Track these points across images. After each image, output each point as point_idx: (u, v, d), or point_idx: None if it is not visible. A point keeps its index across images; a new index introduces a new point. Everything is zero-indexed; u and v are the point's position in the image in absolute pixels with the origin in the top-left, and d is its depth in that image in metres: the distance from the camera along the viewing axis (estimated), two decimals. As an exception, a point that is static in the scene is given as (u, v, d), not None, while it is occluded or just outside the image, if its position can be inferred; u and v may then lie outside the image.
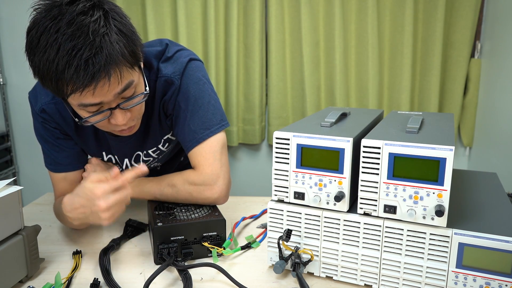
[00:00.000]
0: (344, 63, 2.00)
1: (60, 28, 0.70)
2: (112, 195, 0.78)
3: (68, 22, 0.70)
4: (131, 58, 0.77)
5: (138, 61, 0.81)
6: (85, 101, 0.76)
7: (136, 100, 0.83)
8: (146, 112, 0.96)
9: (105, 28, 0.72)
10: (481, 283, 0.66)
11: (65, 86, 0.73)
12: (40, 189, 1.94)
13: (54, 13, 0.71)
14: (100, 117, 0.81)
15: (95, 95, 0.75)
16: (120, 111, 0.81)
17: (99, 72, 0.71)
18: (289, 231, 0.76)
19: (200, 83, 0.95)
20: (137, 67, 0.81)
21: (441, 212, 0.65)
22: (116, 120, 0.82)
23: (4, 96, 2.19)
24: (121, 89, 0.78)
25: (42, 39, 0.71)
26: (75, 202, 0.80)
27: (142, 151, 1.04)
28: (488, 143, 1.93)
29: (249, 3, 1.98)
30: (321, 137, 0.73)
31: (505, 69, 1.78)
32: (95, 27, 0.71)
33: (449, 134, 0.74)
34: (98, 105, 0.78)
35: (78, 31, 0.70)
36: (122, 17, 0.77)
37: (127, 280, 0.80)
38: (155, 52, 0.95)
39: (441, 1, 1.90)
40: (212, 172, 0.94)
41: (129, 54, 0.76)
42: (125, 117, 0.83)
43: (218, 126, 0.96)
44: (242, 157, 2.26)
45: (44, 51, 0.71)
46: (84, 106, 0.77)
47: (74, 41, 0.69)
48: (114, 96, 0.78)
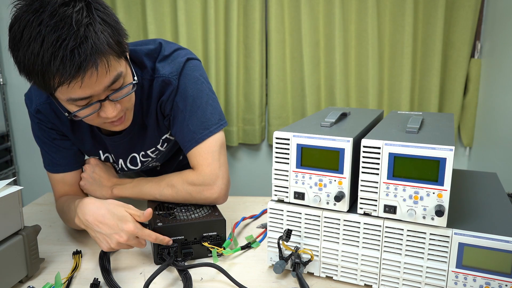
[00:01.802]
0: (344, 63, 2.00)
1: (42, 21, 0.69)
2: (135, 239, 0.81)
3: (50, 14, 0.69)
4: (118, 48, 0.76)
5: (124, 51, 0.80)
6: (73, 95, 0.74)
7: (125, 91, 0.82)
8: (142, 112, 0.96)
9: (89, 18, 0.71)
10: (481, 283, 0.66)
11: (52, 79, 0.71)
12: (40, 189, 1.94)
13: (35, 6, 0.70)
14: (90, 111, 0.80)
15: (83, 87, 0.73)
16: (110, 103, 0.80)
17: (86, 61, 0.70)
18: (289, 231, 0.76)
19: (198, 82, 0.95)
20: (123, 58, 0.81)
21: (441, 212, 0.65)
22: (106, 113, 0.81)
23: (4, 96, 2.19)
24: (109, 80, 0.77)
25: (25, 33, 0.70)
26: (101, 214, 0.80)
27: (138, 152, 1.04)
28: (488, 143, 1.93)
29: (249, 3, 1.97)
30: (321, 137, 0.73)
31: (505, 69, 1.78)
32: (78, 17, 0.70)
33: (449, 134, 0.74)
34: (87, 98, 0.76)
35: (61, 22, 0.69)
36: (105, 7, 0.76)
37: (127, 280, 0.80)
38: (146, 50, 0.94)
39: (441, 1, 1.90)
40: (211, 172, 0.94)
41: (115, 44, 0.75)
42: (115, 109, 0.81)
43: (216, 126, 0.96)
44: (242, 157, 2.26)
45: (28, 45, 0.70)
46: (73, 100, 0.76)
47: (57, 32, 0.68)
48: (103, 88, 0.76)
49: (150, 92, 0.94)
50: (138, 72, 0.93)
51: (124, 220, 0.79)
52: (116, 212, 0.80)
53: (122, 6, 1.96)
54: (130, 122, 0.91)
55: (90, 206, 0.82)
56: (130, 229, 0.79)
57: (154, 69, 0.93)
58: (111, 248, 0.81)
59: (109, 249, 0.81)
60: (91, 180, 1.01)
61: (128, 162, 1.06)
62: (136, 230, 0.79)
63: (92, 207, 0.82)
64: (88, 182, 1.01)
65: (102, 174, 1.01)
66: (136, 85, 0.90)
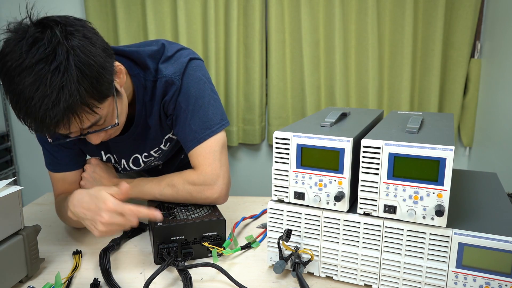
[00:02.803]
0: (344, 63, 2.00)
1: (22, 72, 0.70)
2: (119, 216, 0.78)
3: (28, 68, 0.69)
4: (95, 99, 0.77)
5: (107, 94, 0.79)
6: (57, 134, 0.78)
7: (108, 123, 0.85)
8: (145, 113, 0.96)
9: (65, 77, 0.70)
10: (481, 283, 0.66)
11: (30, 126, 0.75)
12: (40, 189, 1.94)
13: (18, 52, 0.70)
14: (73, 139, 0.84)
15: (65, 131, 0.77)
16: (93, 134, 0.84)
17: (57, 122, 0.73)
18: (289, 231, 0.76)
19: (200, 82, 0.95)
20: (107, 100, 0.80)
21: (441, 212, 0.65)
22: (90, 140, 0.85)
23: (4, 96, 2.19)
24: (88, 125, 0.80)
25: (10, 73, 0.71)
26: (84, 201, 0.81)
27: (141, 153, 1.04)
28: (488, 143, 1.93)
29: (249, 3, 1.97)
30: (321, 137, 0.73)
31: (505, 69, 1.78)
32: (54, 77, 0.70)
33: (449, 134, 0.74)
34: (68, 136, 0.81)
35: (37, 82, 0.70)
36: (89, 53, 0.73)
37: (127, 280, 0.80)
38: (149, 52, 0.94)
39: (441, 1, 1.90)
40: (212, 172, 0.94)
41: (92, 97, 0.75)
42: (98, 138, 0.85)
43: (218, 126, 0.96)
44: (242, 157, 2.26)
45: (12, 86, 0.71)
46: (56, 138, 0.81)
47: (32, 93, 0.70)
48: (81, 130, 0.80)
49: (154, 93, 0.94)
50: (141, 74, 0.93)
51: (102, 200, 0.78)
52: (95, 195, 0.80)
53: (122, 6, 1.96)
54: (120, 131, 0.93)
55: (76, 196, 0.83)
56: (108, 206, 0.77)
57: (157, 70, 0.94)
58: (102, 232, 0.79)
59: (100, 233, 0.79)
60: (92, 180, 1.01)
61: (130, 163, 1.06)
62: (115, 207, 0.77)
63: (78, 196, 0.83)
64: (88, 181, 1.01)
65: (102, 174, 1.01)
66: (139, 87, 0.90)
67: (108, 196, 0.79)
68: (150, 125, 0.98)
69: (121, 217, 0.78)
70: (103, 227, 0.78)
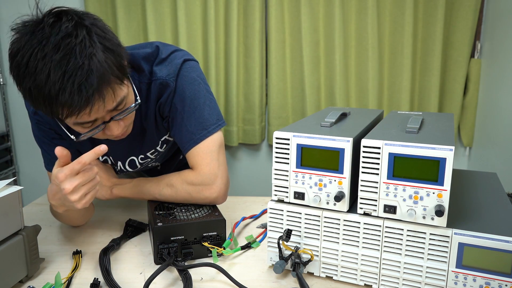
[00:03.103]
0: (344, 63, 2.00)
1: (47, 54, 0.69)
2: (76, 177, 0.76)
3: (54, 46, 0.69)
4: (120, 73, 0.78)
5: (126, 72, 0.81)
6: (81, 120, 0.77)
7: (128, 109, 0.84)
8: (140, 115, 0.96)
9: (92, 48, 0.71)
10: (481, 283, 0.66)
11: (60, 110, 0.73)
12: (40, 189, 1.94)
13: (38, 38, 0.70)
14: (95, 131, 0.82)
15: (91, 115, 0.76)
16: (114, 122, 0.83)
17: (93, 95, 0.72)
18: (289, 231, 0.76)
19: (195, 83, 0.95)
20: (126, 79, 0.82)
21: (441, 212, 0.65)
22: (111, 131, 0.84)
23: (4, 96, 2.19)
24: (114, 106, 0.79)
25: (30, 65, 0.70)
26: (52, 190, 0.81)
27: (137, 155, 1.04)
28: (488, 143, 1.93)
29: (249, 3, 1.97)
30: (321, 137, 0.73)
31: (505, 69, 1.78)
32: (82, 49, 0.70)
33: (449, 134, 0.74)
34: (93, 121, 0.79)
35: (67, 56, 0.69)
36: (105, 31, 0.76)
37: (127, 280, 0.80)
38: (143, 54, 0.94)
39: (441, 1, 1.90)
40: (210, 172, 0.94)
41: (117, 70, 0.76)
42: (119, 127, 0.84)
43: (214, 126, 0.96)
44: (242, 157, 2.26)
45: (34, 77, 0.70)
46: (80, 124, 0.79)
47: (63, 67, 0.69)
48: (108, 111, 0.79)
49: (148, 95, 0.94)
50: (136, 76, 0.93)
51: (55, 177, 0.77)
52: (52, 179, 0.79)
53: (122, 6, 1.96)
54: (130, 131, 0.93)
55: (48, 192, 0.84)
56: (60, 178, 0.75)
57: (151, 72, 0.94)
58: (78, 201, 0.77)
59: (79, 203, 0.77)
60: None
61: (127, 165, 1.06)
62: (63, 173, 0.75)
63: (48, 191, 0.83)
64: None
65: (101, 174, 1.01)
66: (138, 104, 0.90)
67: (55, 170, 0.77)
68: (146, 127, 0.98)
69: (79, 176, 0.76)
70: (74, 196, 0.76)
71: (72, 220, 0.99)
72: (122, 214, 1.11)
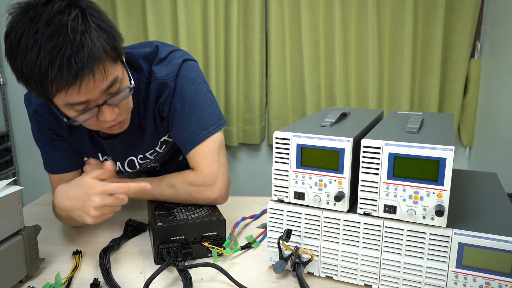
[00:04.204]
0: (344, 63, 2.00)
1: (38, 30, 0.69)
2: (109, 197, 0.78)
3: (46, 22, 0.69)
4: (114, 53, 0.77)
5: (120, 55, 0.81)
6: (71, 100, 0.75)
7: (123, 95, 0.83)
8: (139, 115, 0.96)
9: (84, 25, 0.71)
10: (481, 283, 0.66)
11: (50, 87, 0.72)
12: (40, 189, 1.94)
13: (30, 15, 0.70)
14: (88, 115, 0.80)
15: (81, 93, 0.74)
16: (108, 107, 0.81)
17: (83, 69, 0.71)
18: (289, 231, 0.76)
19: (195, 83, 0.95)
20: (120, 62, 0.81)
21: (441, 212, 0.65)
22: (104, 117, 0.81)
23: (4, 96, 2.19)
24: (106, 85, 0.77)
25: (22, 42, 0.70)
26: (70, 192, 0.80)
27: (136, 155, 1.04)
28: (488, 143, 1.93)
29: (249, 3, 1.97)
30: (321, 137, 0.73)
31: (505, 69, 1.78)
32: (74, 25, 0.70)
33: (449, 134, 0.74)
34: (85, 103, 0.77)
35: (57, 31, 0.69)
36: (100, 12, 0.76)
37: (127, 280, 0.80)
38: (143, 54, 0.94)
39: (441, 1, 1.90)
40: (210, 172, 0.94)
41: (111, 49, 0.76)
42: (113, 113, 0.82)
43: (215, 126, 0.96)
44: (242, 157, 2.26)
45: (25, 54, 0.70)
46: (71, 105, 0.77)
47: (54, 40, 0.69)
48: (100, 93, 0.77)
49: (147, 94, 0.94)
50: (135, 75, 0.93)
51: (89, 185, 0.78)
52: (80, 183, 0.80)
53: (122, 6, 1.96)
54: (128, 124, 0.91)
55: (60, 191, 0.83)
56: (97, 190, 0.77)
57: (150, 72, 0.93)
58: (95, 217, 0.78)
59: (93, 219, 0.79)
60: None
61: (125, 165, 1.06)
62: (103, 188, 0.77)
63: (61, 190, 0.83)
64: None
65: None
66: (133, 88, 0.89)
67: (93, 180, 0.78)
68: (144, 127, 0.98)
69: (112, 197, 0.78)
70: (95, 212, 0.77)
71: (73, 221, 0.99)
72: (122, 214, 1.11)
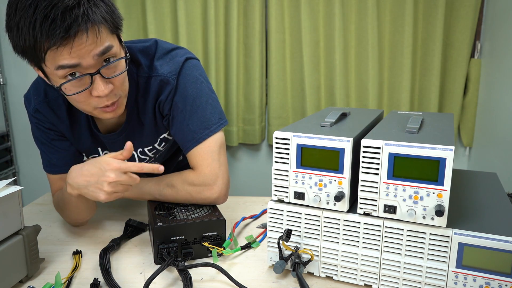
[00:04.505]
0: (344, 63, 2.00)
1: None
2: (124, 174, 0.79)
3: None
4: (111, 23, 0.78)
5: (117, 29, 0.81)
6: (62, 61, 0.74)
7: (118, 69, 0.82)
8: (138, 109, 0.96)
9: None
10: (481, 283, 0.66)
11: (43, 44, 0.72)
12: (40, 189, 1.94)
13: None
14: (80, 85, 0.79)
15: (73, 54, 0.74)
16: (101, 80, 0.80)
17: (77, 24, 0.71)
18: (289, 231, 0.76)
19: (197, 82, 0.95)
20: (116, 37, 0.82)
21: (441, 212, 0.65)
22: (97, 90, 0.80)
23: (4, 96, 2.19)
24: (100, 50, 0.77)
25: (19, 5, 0.72)
26: (85, 169, 0.81)
27: (136, 149, 1.03)
28: (488, 143, 1.93)
29: (249, 3, 1.98)
30: (321, 137, 0.73)
31: (505, 69, 1.78)
32: None
33: (449, 134, 0.74)
34: (77, 66, 0.76)
35: None
36: None
37: (127, 280, 0.80)
38: (140, 47, 0.94)
39: (441, 1, 1.90)
40: (211, 172, 0.94)
41: (108, 18, 0.77)
42: (106, 87, 0.80)
43: (217, 125, 0.96)
44: (242, 157, 2.26)
45: (21, 15, 0.71)
46: (62, 68, 0.76)
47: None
48: (93, 58, 0.76)
49: (147, 89, 0.94)
50: (134, 70, 0.93)
51: (105, 162, 0.79)
52: (96, 160, 0.81)
53: (122, 6, 1.96)
54: (122, 110, 0.89)
55: (74, 169, 0.84)
56: (113, 166, 0.78)
57: (150, 66, 0.93)
58: (108, 193, 0.79)
59: (107, 196, 0.80)
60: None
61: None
62: (119, 165, 0.78)
63: (76, 168, 0.84)
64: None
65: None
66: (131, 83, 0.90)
67: (110, 158, 0.80)
68: (144, 122, 0.98)
69: (126, 175, 0.79)
70: (109, 187, 0.79)
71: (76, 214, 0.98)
72: (122, 214, 1.11)
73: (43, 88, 0.95)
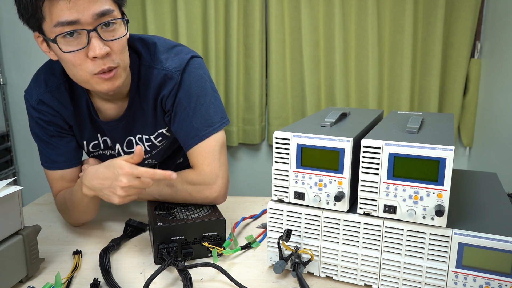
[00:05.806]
0: (344, 63, 2.00)
1: None
2: (136, 179, 0.80)
3: None
4: None
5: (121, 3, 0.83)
6: (61, 17, 0.75)
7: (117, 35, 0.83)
8: (139, 97, 0.96)
9: None
10: (481, 283, 0.66)
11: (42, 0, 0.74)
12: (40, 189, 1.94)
13: None
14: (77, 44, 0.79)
15: (71, 10, 0.75)
16: (98, 40, 0.80)
17: None
18: (289, 231, 0.76)
19: (202, 80, 0.96)
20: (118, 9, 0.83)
21: (441, 212, 0.65)
22: (94, 50, 0.79)
23: (4, 96, 2.19)
24: (99, 9, 0.77)
25: None
26: (100, 172, 0.82)
27: (135, 135, 1.03)
28: (488, 143, 1.93)
29: (249, 3, 1.98)
30: (321, 137, 0.73)
31: (505, 69, 1.78)
32: None
33: (449, 134, 0.74)
34: (75, 23, 0.77)
35: None
36: None
37: (127, 280, 0.80)
38: (138, 36, 0.96)
39: (441, 1, 1.90)
40: (211, 171, 0.94)
41: None
42: (103, 48, 0.80)
43: (219, 124, 0.96)
44: (242, 157, 2.26)
45: None
46: (61, 25, 0.76)
47: None
48: (92, 17, 0.77)
49: (149, 79, 0.94)
50: (136, 60, 0.94)
51: (119, 166, 0.80)
52: (111, 164, 0.81)
53: (122, 6, 1.96)
54: (121, 83, 0.88)
55: (90, 171, 0.85)
56: (125, 171, 0.79)
57: (152, 57, 0.94)
58: (121, 197, 0.81)
59: (120, 199, 0.81)
60: None
61: (125, 146, 1.05)
62: (131, 170, 0.79)
63: (92, 170, 0.85)
64: None
65: None
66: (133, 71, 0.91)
67: (123, 162, 0.80)
68: (144, 108, 0.98)
69: (138, 180, 0.80)
70: (122, 192, 0.80)
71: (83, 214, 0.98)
72: (122, 214, 1.11)
73: (43, 79, 0.96)
